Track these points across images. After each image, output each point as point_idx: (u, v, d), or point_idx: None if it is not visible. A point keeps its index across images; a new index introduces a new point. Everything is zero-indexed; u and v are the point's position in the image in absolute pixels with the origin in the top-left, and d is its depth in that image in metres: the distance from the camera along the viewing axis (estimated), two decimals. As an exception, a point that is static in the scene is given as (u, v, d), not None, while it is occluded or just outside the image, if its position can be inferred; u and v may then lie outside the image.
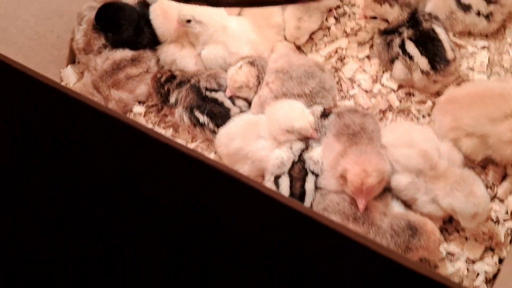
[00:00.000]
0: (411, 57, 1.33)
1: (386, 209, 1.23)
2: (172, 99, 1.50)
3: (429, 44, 1.31)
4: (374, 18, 1.38)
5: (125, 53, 1.56)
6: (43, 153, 0.63)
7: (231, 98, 1.46)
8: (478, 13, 1.37)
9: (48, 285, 0.56)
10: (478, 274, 1.18)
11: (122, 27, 1.54)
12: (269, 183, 1.32)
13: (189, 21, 1.45)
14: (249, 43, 1.49)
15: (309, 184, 1.28)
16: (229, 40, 1.48)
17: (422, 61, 1.31)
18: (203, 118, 1.44)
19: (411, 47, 1.32)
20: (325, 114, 1.36)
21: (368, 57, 1.48)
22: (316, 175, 1.29)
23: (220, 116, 1.44)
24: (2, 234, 0.59)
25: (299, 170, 1.30)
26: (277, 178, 1.30)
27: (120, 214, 0.58)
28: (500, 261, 1.19)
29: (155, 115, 1.59)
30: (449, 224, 1.25)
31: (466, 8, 1.37)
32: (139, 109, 1.60)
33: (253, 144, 1.35)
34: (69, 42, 1.67)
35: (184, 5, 1.45)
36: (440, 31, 1.32)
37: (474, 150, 1.24)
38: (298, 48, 1.55)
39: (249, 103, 1.47)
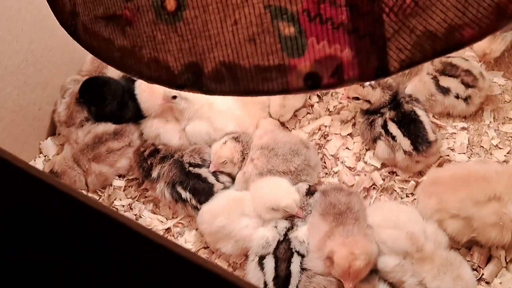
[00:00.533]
0: (393, 138, 1.35)
1: (374, 292, 1.21)
2: (154, 174, 1.48)
3: (411, 126, 1.34)
4: (357, 99, 1.41)
5: (107, 127, 1.55)
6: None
7: (214, 174, 1.45)
8: (457, 96, 1.41)
9: None
10: None
11: (106, 101, 1.54)
12: (253, 263, 1.28)
13: (174, 97, 1.46)
14: (234, 119, 1.50)
15: (295, 266, 1.25)
16: (215, 116, 1.49)
17: (404, 142, 1.33)
18: (185, 194, 1.42)
19: (393, 128, 1.35)
20: (310, 192, 1.35)
21: (350, 135, 1.51)
22: (302, 256, 1.26)
23: (203, 192, 1.42)
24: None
25: (284, 251, 1.27)
26: (261, 259, 1.27)
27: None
28: None
29: (135, 189, 1.56)
30: (437, 308, 1.23)
31: (445, 91, 1.42)
32: (119, 183, 1.57)
33: (237, 222, 1.32)
34: (51, 114, 1.66)
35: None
36: (421, 113, 1.36)
37: (459, 232, 1.25)
38: (282, 124, 1.57)
39: (233, 179, 1.46)
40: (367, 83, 1.38)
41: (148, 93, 1.50)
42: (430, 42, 0.77)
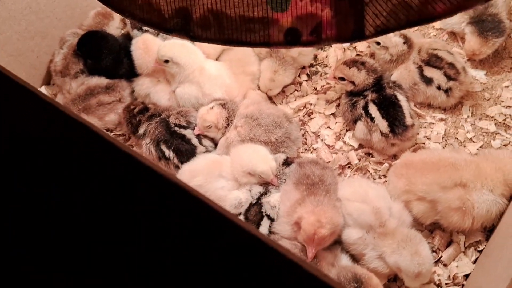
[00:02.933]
0: (372, 119, 1.40)
1: (335, 260, 1.26)
2: (141, 130, 1.53)
3: (390, 109, 1.39)
4: (342, 79, 1.46)
5: (100, 81, 1.60)
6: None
7: (198, 137, 1.49)
8: (439, 87, 1.46)
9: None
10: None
11: (102, 56, 1.59)
12: (224, 223, 1.33)
13: (167, 61, 1.51)
14: (224, 87, 1.55)
15: (263, 228, 1.30)
16: (205, 81, 1.53)
17: (382, 124, 1.39)
18: (168, 153, 1.47)
19: (373, 110, 1.40)
20: (287, 163, 1.40)
21: (334, 114, 1.56)
22: (272, 220, 1.31)
23: (186, 153, 1.47)
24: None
25: (255, 213, 1.32)
26: (233, 219, 1.32)
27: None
28: (439, 324, 1.22)
29: (122, 144, 1.61)
30: (393, 283, 1.29)
31: (428, 81, 1.47)
32: (106, 136, 1.61)
33: (214, 182, 1.37)
34: (47, 64, 1.70)
35: (164, 44, 1.51)
36: (401, 98, 1.41)
37: (424, 214, 1.30)
38: (270, 98, 1.62)
39: (215, 144, 1.51)
40: (354, 69, 1.43)
41: (143, 50, 1.55)
42: (404, 12, 0.83)
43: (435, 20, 0.81)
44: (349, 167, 1.47)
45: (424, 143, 1.46)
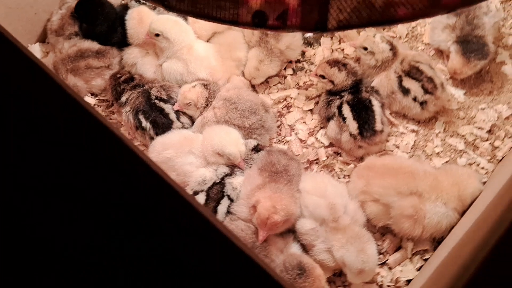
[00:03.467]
0: (344, 119, 1.44)
1: (285, 247, 1.30)
2: (123, 98, 1.57)
3: (362, 112, 1.43)
4: (323, 77, 1.50)
5: (92, 45, 1.64)
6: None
7: (177, 113, 1.54)
8: (415, 99, 1.50)
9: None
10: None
11: (97, 21, 1.63)
12: (187, 197, 1.38)
13: (157, 35, 1.55)
14: (209, 68, 1.59)
15: (222, 207, 1.35)
16: (191, 60, 1.58)
17: (352, 125, 1.43)
18: (145, 123, 1.51)
19: (346, 110, 1.44)
20: (257, 149, 1.45)
21: (311, 111, 1.60)
22: (231, 200, 1.36)
23: (162, 126, 1.51)
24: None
25: (217, 192, 1.37)
26: (195, 194, 1.37)
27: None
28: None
29: (103, 109, 1.65)
30: (337, 278, 1.33)
31: (406, 91, 1.51)
32: (90, 100, 1.66)
33: (183, 157, 1.42)
34: (45, 22, 1.74)
35: (157, 18, 1.56)
36: (375, 104, 1.45)
37: (377, 216, 1.34)
38: (253, 86, 1.66)
39: (193, 122, 1.55)
40: (334, 69, 1.47)
41: (137, 21, 1.59)
42: (367, 11, 0.87)
43: (397, 23, 0.85)
44: (317, 163, 1.51)
45: (392, 151, 1.50)
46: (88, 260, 0.61)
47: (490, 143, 1.51)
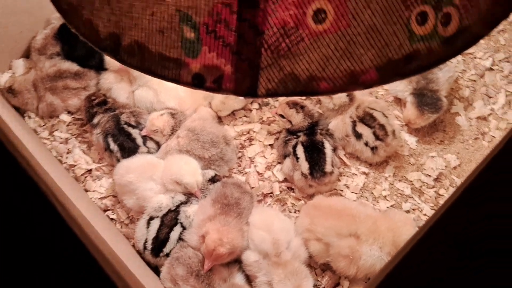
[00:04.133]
0: (297, 158, 1.54)
1: (228, 277, 1.39)
2: (95, 120, 1.66)
3: (314, 154, 1.53)
4: (283, 117, 1.60)
5: (72, 66, 1.74)
6: None
7: (144, 138, 1.63)
8: (366, 144, 1.60)
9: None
10: None
11: (78, 45, 1.73)
12: (143, 221, 1.47)
13: (133, 62, 1.64)
14: (177, 98, 1.69)
15: (175, 233, 1.44)
16: (162, 90, 1.67)
17: (304, 165, 1.52)
18: (113, 146, 1.60)
19: (300, 150, 1.54)
20: (214, 180, 1.54)
21: (271, 145, 1.69)
22: (184, 228, 1.45)
23: (129, 150, 1.61)
24: None
25: (171, 219, 1.46)
26: (150, 219, 1.46)
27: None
28: None
29: (77, 128, 1.75)
30: (276, 308, 1.42)
31: (358, 136, 1.60)
32: (65, 117, 1.75)
33: (144, 182, 1.51)
34: (30, 40, 1.83)
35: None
36: (327, 146, 1.55)
37: (318, 253, 1.43)
38: (219, 117, 1.75)
39: (159, 147, 1.65)
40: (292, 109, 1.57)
41: (112, 50, 1.68)
42: (293, 83, 0.96)
43: (319, 95, 0.94)
44: (271, 196, 1.61)
45: (342, 190, 1.60)
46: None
47: (435, 191, 1.61)
